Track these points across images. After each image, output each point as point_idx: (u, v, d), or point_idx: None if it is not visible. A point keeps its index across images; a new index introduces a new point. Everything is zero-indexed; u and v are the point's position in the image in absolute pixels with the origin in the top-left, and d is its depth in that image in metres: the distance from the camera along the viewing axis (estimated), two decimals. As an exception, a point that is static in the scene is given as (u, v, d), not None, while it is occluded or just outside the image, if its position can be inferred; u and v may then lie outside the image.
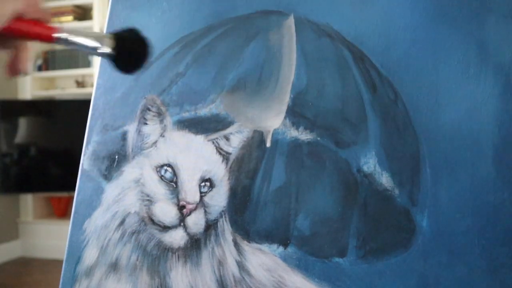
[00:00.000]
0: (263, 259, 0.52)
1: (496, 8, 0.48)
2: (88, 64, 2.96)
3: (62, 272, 0.62)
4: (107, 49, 0.45)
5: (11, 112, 2.88)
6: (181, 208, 0.55)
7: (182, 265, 0.55)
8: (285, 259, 0.51)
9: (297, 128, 0.53)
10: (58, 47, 3.11)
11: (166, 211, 0.56)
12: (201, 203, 0.55)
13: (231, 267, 0.53)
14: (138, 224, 0.58)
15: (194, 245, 0.55)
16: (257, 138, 0.55)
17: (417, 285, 0.46)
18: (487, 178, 0.45)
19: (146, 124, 0.60)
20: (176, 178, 0.57)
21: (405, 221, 0.47)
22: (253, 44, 0.57)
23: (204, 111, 0.58)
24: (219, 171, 0.55)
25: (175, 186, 0.56)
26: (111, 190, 0.61)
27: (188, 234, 0.55)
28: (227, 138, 0.56)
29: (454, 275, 0.45)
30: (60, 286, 0.61)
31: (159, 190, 0.57)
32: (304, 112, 0.53)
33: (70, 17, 2.95)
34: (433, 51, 0.49)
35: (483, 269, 0.44)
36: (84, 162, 0.64)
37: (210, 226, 0.55)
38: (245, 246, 0.53)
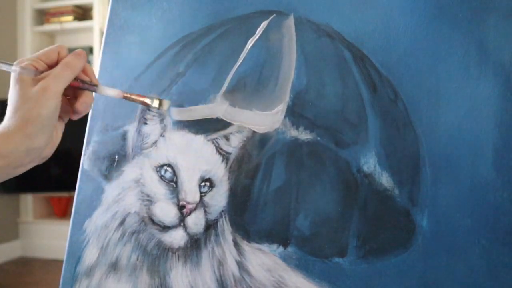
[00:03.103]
0: (263, 259, 0.52)
1: (496, 8, 0.48)
2: (88, 64, 2.95)
3: (62, 272, 0.62)
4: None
5: (11, 112, 2.87)
6: (181, 208, 0.55)
7: (182, 265, 0.55)
8: (285, 259, 0.51)
9: (297, 128, 0.53)
10: (58, 47, 3.11)
11: (166, 211, 0.56)
12: (201, 203, 0.55)
13: (231, 267, 0.53)
14: (138, 224, 0.58)
15: (194, 245, 0.55)
16: (257, 138, 0.55)
17: (417, 285, 0.46)
18: (487, 178, 0.45)
19: (146, 124, 0.60)
20: (176, 178, 0.57)
21: (405, 221, 0.47)
22: (254, 44, 0.57)
23: (204, 111, 0.58)
24: (219, 171, 0.55)
25: (175, 186, 0.56)
26: (111, 190, 0.61)
27: (188, 234, 0.55)
28: (227, 138, 0.56)
29: (454, 275, 0.45)
30: (60, 286, 0.61)
31: (159, 190, 0.57)
32: (304, 112, 0.53)
33: (70, 17, 2.95)
34: (433, 51, 0.49)
35: (483, 269, 0.44)
36: (84, 162, 0.64)
37: (210, 226, 0.55)
38: (245, 246, 0.53)
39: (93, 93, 0.50)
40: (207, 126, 0.57)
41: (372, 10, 0.53)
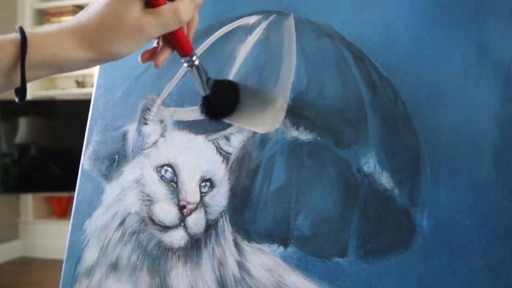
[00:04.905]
0: (263, 259, 0.52)
1: (496, 8, 0.48)
2: (88, 64, 2.95)
3: (62, 272, 0.62)
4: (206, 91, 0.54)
5: (11, 112, 2.88)
6: (181, 208, 0.55)
7: (183, 265, 0.55)
8: (285, 259, 0.51)
9: (297, 128, 0.53)
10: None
11: (166, 211, 0.56)
12: (202, 203, 0.55)
13: (232, 267, 0.53)
14: (138, 224, 0.58)
15: (195, 245, 0.55)
16: (257, 138, 0.55)
17: (417, 285, 0.46)
18: (487, 178, 0.45)
19: (146, 124, 0.60)
20: (177, 178, 0.57)
21: (405, 221, 0.47)
22: (254, 45, 0.57)
23: (204, 111, 0.58)
24: (220, 171, 0.55)
25: (175, 186, 0.56)
26: (111, 190, 0.61)
27: (188, 234, 0.55)
28: (227, 138, 0.56)
29: (454, 275, 0.45)
30: (60, 286, 0.61)
31: (159, 190, 0.57)
32: (304, 112, 0.53)
33: (70, 17, 2.94)
34: (433, 51, 0.49)
35: (483, 269, 0.44)
36: (84, 162, 0.64)
37: (210, 226, 0.55)
38: (246, 246, 0.53)
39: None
40: (207, 126, 0.57)
41: (372, 10, 0.53)
